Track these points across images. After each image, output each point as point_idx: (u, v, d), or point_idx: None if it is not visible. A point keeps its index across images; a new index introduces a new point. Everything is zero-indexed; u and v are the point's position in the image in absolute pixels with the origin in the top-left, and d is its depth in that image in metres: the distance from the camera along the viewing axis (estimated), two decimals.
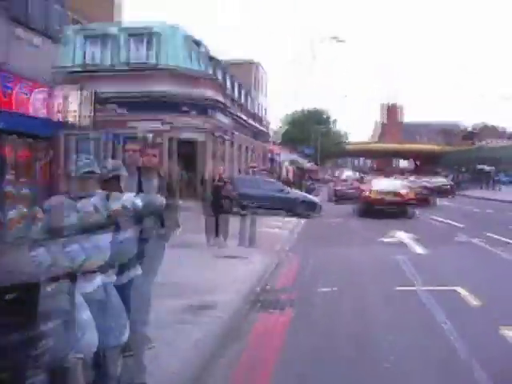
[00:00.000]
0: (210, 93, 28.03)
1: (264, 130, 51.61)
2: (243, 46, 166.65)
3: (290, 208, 22.88)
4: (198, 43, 30.84)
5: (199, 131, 27.92)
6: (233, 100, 38.09)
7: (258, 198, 19.18)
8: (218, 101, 29.14)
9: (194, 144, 28.04)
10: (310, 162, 72.00)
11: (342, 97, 65.59)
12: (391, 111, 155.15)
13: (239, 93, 44.29)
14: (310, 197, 26.06)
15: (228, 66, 40.23)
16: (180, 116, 26.69)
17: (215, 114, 29.32)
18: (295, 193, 25.29)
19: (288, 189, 25.08)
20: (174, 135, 26.60)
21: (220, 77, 36.19)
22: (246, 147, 43.27)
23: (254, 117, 48.34)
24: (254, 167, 39.93)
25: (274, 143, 57.11)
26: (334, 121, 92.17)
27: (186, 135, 27.25)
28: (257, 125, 48.06)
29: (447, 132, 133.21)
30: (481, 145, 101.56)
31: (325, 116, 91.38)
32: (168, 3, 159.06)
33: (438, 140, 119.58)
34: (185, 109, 26.87)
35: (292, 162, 56.41)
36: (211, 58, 33.74)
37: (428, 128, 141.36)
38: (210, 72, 31.59)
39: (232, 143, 37.33)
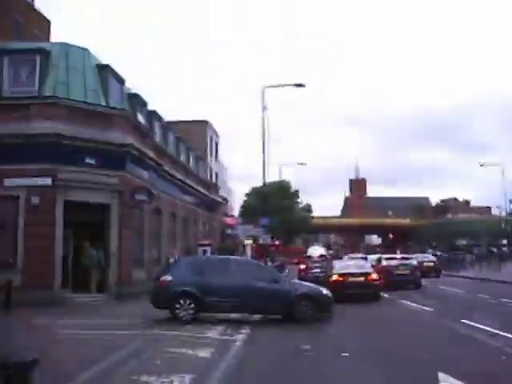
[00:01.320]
0: (128, 138, 20.16)
1: (218, 200, 43.76)
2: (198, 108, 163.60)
3: (284, 308, 14.38)
4: (120, 80, 23.31)
5: (110, 192, 19.84)
6: (175, 162, 30.47)
7: (228, 292, 13.92)
8: (139, 150, 21.19)
9: (105, 210, 19.85)
10: (273, 237, 64.36)
11: (302, 164, 56.40)
12: (356, 185, 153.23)
13: (187, 155, 36.78)
14: (315, 287, 15.73)
15: (170, 124, 33.13)
16: (80, 169, 18.70)
17: (135, 169, 21.33)
18: (290, 282, 16.25)
19: (277, 274, 16.27)
20: (70, 196, 18.43)
21: (157, 132, 28.66)
22: (194, 219, 35.19)
23: (207, 185, 40.62)
24: (204, 244, 31.75)
25: (228, 215, 49.21)
26: (297, 191, 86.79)
27: (89, 197, 19.09)
28: (209, 194, 40.29)
29: (418, 206, 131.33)
30: (453, 219, 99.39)
31: (292, 190, 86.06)
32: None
33: (406, 215, 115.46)
34: (88, 160, 18.90)
35: (251, 237, 48.22)
36: (142, 104, 26.30)
37: (394, 202, 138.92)
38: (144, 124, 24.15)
39: (174, 215, 29.22)
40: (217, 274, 14.26)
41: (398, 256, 30.82)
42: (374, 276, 20.80)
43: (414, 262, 28.86)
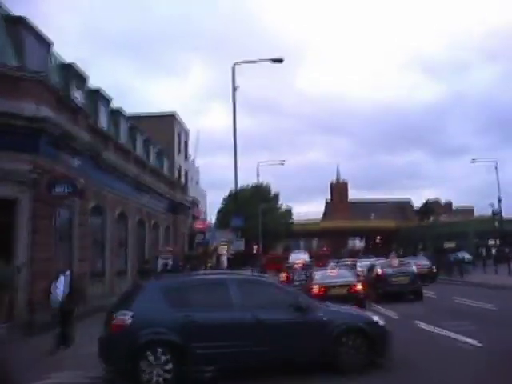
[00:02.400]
0: (44, 110, 14.87)
1: (185, 201, 38.43)
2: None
3: (318, 351, 8.97)
4: (42, 39, 18.04)
5: (18, 183, 14.56)
6: (127, 153, 25.18)
7: (229, 333, 8.69)
8: (63, 128, 15.93)
9: (11, 207, 14.55)
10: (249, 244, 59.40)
11: (280, 163, 51.75)
12: (337, 188, 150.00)
13: (145, 148, 31.53)
14: (361, 313, 10.26)
15: (132, 119, 28.02)
16: None
17: (57, 154, 16.07)
18: (330, 309, 9.74)
19: (304, 298, 9.77)
20: None
21: (103, 116, 23.40)
22: (154, 223, 29.85)
23: (171, 184, 35.30)
24: (161, 252, 26.48)
25: (197, 218, 43.87)
26: (276, 195, 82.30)
27: None
28: (174, 194, 34.96)
29: (400, 209, 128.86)
30: (438, 220, 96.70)
31: (271, 194, 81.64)
32: None
33: (389, 217, 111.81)
34: None
35: (227, 244, 43.00)
36: (81, 79, 21.01)
37: (376, 205, 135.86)
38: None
39: (124, 217, 23.92)
40: (208, 305, 8.83)
41: (395, 262, 25.84)
42: (359, 287, 18.47)
43: (414, 269, 24.14)
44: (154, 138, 35.81)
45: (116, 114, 25.81)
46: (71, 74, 20.46)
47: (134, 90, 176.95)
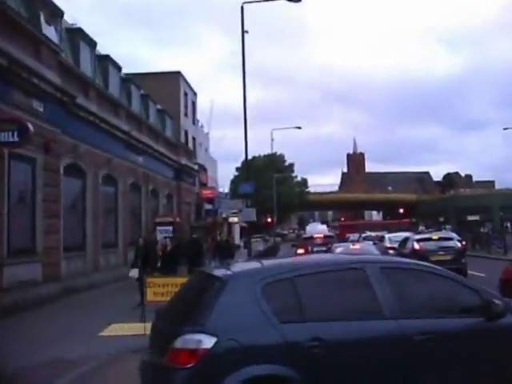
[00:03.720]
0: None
1: (191, 166, 34.56)
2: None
3: None
4: None
5: None
6: (115, 105, 21.30)
7: (387, 359, 4.35)
8: (8, 56, 12.07)
9: None
10: (264, 214, 55.98)
11: (298, 128, 47.93)
12: (354, 159, 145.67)
13: (143, 104, 27.64)
14: None
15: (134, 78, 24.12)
16: None
17: (14, 95, 12.26)
18: None
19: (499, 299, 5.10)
20: None
21: (87, 63, 19.50)
22: (153, 189, 26.10)
23: (174, 146, 31.44)
24: (160, 223, 22.78)
25: (206, 186, 40.04)
26: (291, 165, 78.53)
27: None
28: (178, 157, 31.13)
29: (420, 181, 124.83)
30: (459, 193, 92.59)
31: (285, 163, 78.07)
32: None
33: (407, 190, 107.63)
34: None
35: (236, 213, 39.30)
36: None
37: (394, 177, 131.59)
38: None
39: (112, 180, 20.22)
40: (342, 312, 4.57)
41: (435, 236, 21.90)
42: None
43: (457, 244, 20.25)
44: (158, 98, 31.94)
45: (103, 61, 21.82)
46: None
47: (148, 63, 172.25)
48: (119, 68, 23.78)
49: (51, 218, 14.23)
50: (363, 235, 34.76)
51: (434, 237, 21.52)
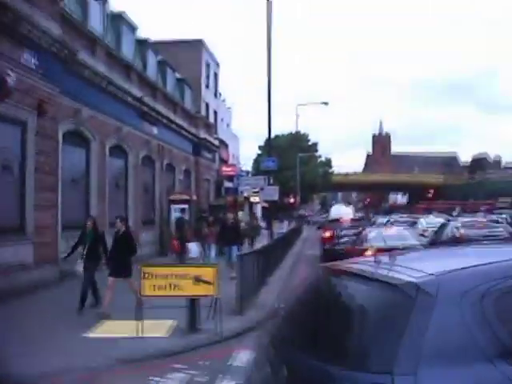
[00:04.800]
0: None
1: (211, 140, 32.44)
2: None
3: None
4: None
5: None
6: (127, 67, 19.24)
7: None
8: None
9: None
10: (286, 194, 53.85)
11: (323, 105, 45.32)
12: (379, 141, 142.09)
13: (160, 70, 25.55)
14: None
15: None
16: None
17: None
18: None
19: None
20: None
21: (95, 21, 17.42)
22: (168, 164, 24.09)
23: (192, 118, 29.33)
24: (178, 201, 20.84)
25: (227, 163, 37.90)
26: (315, 144, 75.89)
27: None
28: (196, 130, 29.04)
29: (447, 163, 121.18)
30: (489, 176, 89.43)
31: (309, 143, 75.51)
32: None
33: (434, 172, 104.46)
34: None
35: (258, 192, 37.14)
36: None
37: (420, 159, 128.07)
38: None
39: (121, 150, 18.27)
40: None
41: (481, 219, 19.56)
42: None
43: (508, 230, 17.86)
44: (177, 67, 29.84)
45: (116, 19, 19.71)
46: None
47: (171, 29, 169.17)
48: (134, 28, 21.65)
49: (45, 192, 12.27)
50: (391, 219, 32.28)
51: (480, 221, 19.19)
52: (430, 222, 23.49)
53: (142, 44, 23.29)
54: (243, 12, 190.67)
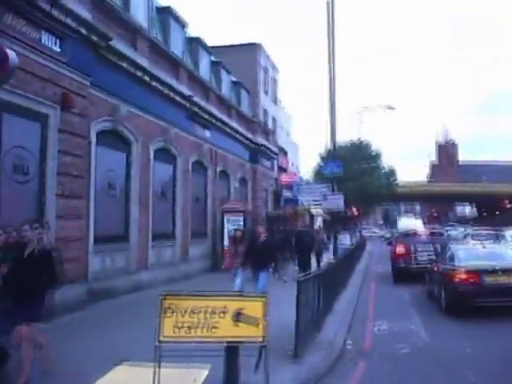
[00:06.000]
0: None
1: (270, 147, 30.37)
2: None
3: None
4: None
5: None
6: (175, 63, 17.51)
7: None
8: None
9: None
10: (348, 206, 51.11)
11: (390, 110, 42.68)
12: (445, 150, 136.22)
13: (215, 74, 23.85)
14: None
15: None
16: None
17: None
18: None
19: None
20: None
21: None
22: (223, 172, 22.20)
23: (249, 122, 27.39)
24: (232, 211, 19.02)
25: (285, 170, 35.65)
26: (379, 155, 72.66)
27: None
28: (253, 136, 27.06)
29: None
30: None
31: (373, 152, 72.38)
32: None
33: (506, 181, 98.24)
34: None
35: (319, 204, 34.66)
36: None
37: (488, 169, 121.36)
38: None
39: (167, 152, 16.49)
40: None
41: None
42: None
43: None
44: (234, 72, 28.17)
45: (163, 13, 18.01)
46: None
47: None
48: (183, 25, 19.94)
49: (71, 199, 10.49)
50: (469, 231, 29.04)
51: None
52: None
53: (194, 42, 21.60)
54: (303, 19, 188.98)
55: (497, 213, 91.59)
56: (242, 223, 19.94)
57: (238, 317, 5.66)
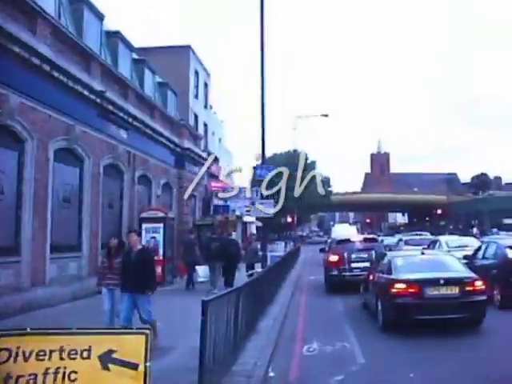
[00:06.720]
0: None
1: (200, 153, 28.73)
2: None
3: None
4: None
5: None
6: (104, 69, 15.70)
7: None
8: None
9: None
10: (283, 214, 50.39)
11: (325, 116, 42.21)
12: (378, 160, 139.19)
13: (138, 73, 22.11)
14: None
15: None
16: None
17: None
18: None
19: None
20: None
21: None
22: (143, 177, 20.40)
23: (173, 124, 25.67)
24: (150, 220, 17.38)
25: (216, 177, 34.04)
26: (313, 162, 72.83)
27: None
28: (178, 139, 25.36)
29: (447, 182, 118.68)
30: (494, 194, 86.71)
31: (308, 161, 72.28)
32: None
33: (433, 191, 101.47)
34: None
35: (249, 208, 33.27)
36: None
37: (419, 179, 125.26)
38: None
39: (70, 152, 14.58)
40: None
41: None
42: (478, 285, 9.83)
43: None
44: (163, 75, 26.61)
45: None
46: None
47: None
48: (101, 16, 18.09)
49: None
50: (404, 238, 28.47)
51: None
52: (452, 242, 19.67)
53: (113, 36, 19.80)
54: (235, 24, 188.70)
55: (427, 218, 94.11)
56: (160, 232, 18.29)
57: (107, 360, 4.07)
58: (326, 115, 44.31)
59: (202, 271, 18.07)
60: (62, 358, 4.00)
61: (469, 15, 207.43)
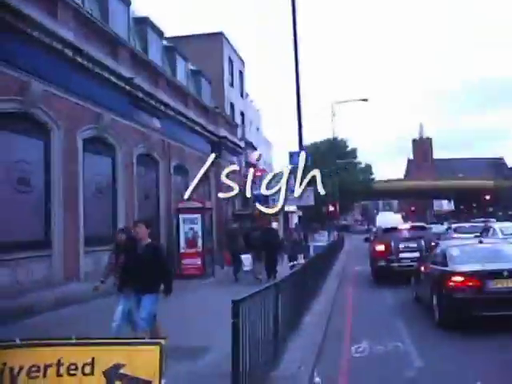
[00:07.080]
0: None
1: (237, 142, 27.97)
2: None
3: None
4: None
5: None
6: (133, 55, 15.11)
7: None
8: None
9: None
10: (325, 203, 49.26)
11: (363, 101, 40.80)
12: (420, 146, 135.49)
13: (170, 61, 21.49)
14: None
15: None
16: None
17: None
18: None
19: None
20: None
21: None
22: (178, 167, 19.80)
23: (208, 112, 24.97)
24: (188, 210, 16.89)
25: (255, 166, 33.25)
26: (354, 150, 71.36)
27: None
28: (214, 127, 24.67)
29: (494, 167, 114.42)
30: None
31: (348, 148, 71.01)
32: None
33: (482, 177, 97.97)
34: None
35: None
36: None
37: (463, 164, 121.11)
38: None
39: (103, 143, 14.03)
40: None
41: None
42: None
43: None
44: (197, 63, 26.02)
45: None
46: None
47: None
48: (128, 2, 17.49)
49: None
50: (453, 226, 27.05)
51: None
52: (507, 229, 18.29)
53: (142, 22, 19.18)
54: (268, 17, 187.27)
55: (474, 205, 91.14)
56: (199, 223, 17.67)
57: (114, 376, 3.32)
58: (366, 99, 42.82)
59: (247, 260, 17.57)
60: (59, 375, 3.28)
61: (469, 15, 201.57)
